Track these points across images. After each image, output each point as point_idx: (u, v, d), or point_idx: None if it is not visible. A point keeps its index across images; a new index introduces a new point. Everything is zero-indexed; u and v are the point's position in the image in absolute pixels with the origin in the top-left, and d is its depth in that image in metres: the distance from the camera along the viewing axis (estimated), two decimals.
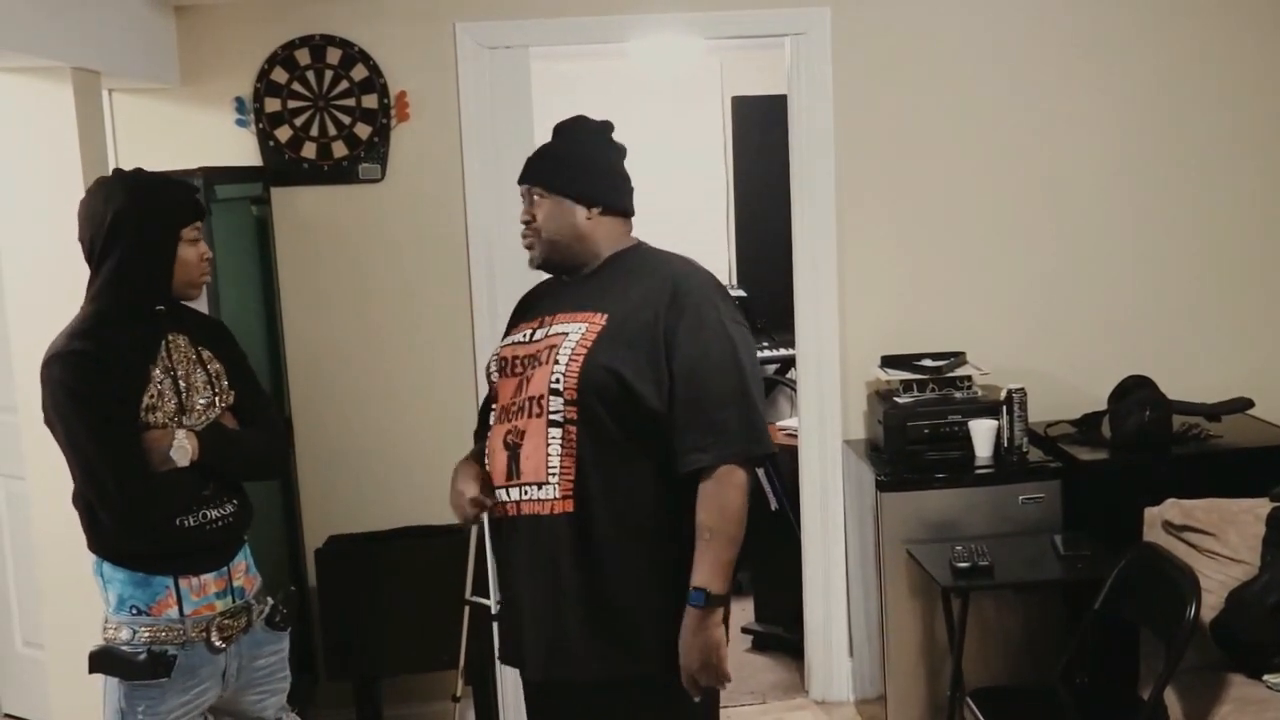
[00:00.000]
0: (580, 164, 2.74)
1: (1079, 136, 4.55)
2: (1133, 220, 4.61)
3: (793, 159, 4.52)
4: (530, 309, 2.80)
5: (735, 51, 6.45)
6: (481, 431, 2.82)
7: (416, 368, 4.48)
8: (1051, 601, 4.05)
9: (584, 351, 2.56)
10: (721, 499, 2.52)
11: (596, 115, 2.85)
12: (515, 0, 4.35)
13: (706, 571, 2.51)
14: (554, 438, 2.56)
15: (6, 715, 4.85)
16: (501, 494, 2.63)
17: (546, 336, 2.64)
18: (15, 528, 4.58)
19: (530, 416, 2.59)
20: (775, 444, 5.09)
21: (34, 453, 3.46)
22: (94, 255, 2.76)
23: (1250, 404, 4.32)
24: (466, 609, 4.02)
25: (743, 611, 5.38)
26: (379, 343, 4.48)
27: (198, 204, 2.86)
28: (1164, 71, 4.55)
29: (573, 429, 2.54)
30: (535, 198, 2.73)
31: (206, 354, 2.88)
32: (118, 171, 2.88)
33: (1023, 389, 4.17)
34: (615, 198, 2.74)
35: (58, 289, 3.18)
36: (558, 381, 2.55)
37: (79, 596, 2.86)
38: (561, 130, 2.82)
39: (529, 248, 2.75)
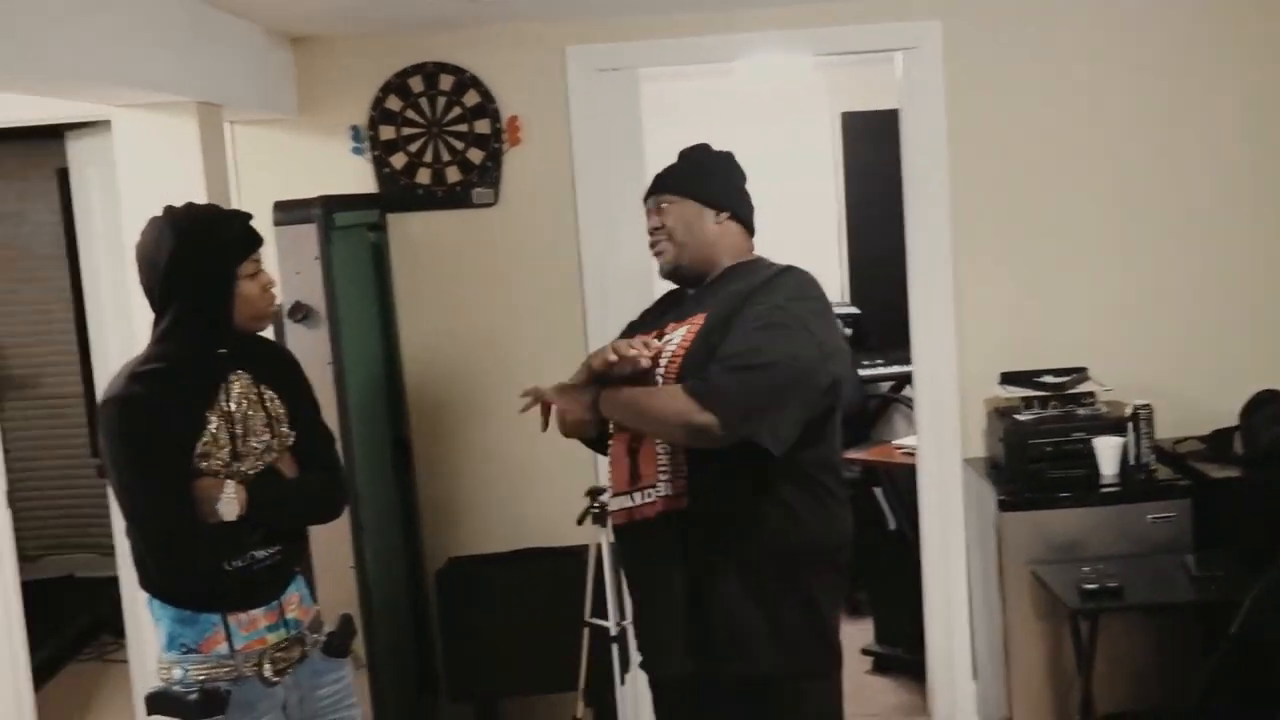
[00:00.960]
0: (710, 174, 2.85)
1: (1202, 145, 4.43)
2: (1261, 229, 4.46)
3: (905, 174, 4.47)
4: (650, 323, 2.87)
5: (844, 67, 6.39)
6: None
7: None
8: (1185, 624, 3.94)
9: (682, 353, 2.62)
10: (665, 397, 2.54)
11: (705, 134, 3.00)
12: (624, 23, 4.37)
13: (611, 392, 2.65)
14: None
15: None
16: (624, 500, 2.69)
17: (661, 344, 2.71)
18: None
19: None
20: (893, 463, 5.05)
21: None
22: (153, 297, 2.72)
23: None
24: (586, 630, 4.02)
25: (862, 633, 5.31)
26: (495, 365, 4.52)
27: (252, 234, 2.78)
28: None
29: None
30: (664, 206, 2.82)
31: (269, 393, 2.81)
32: (168, 210, 2.76)
33: (1149, 405, 4.07)
34: (741, 207, 2.84)
35: None
36: (659, 383, 2.62)
37: None
38: (686, 153, 2.92)
39: (659, 254, 2.83)
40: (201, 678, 2.69)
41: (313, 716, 2.88)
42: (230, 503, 2.66)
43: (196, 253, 2.68)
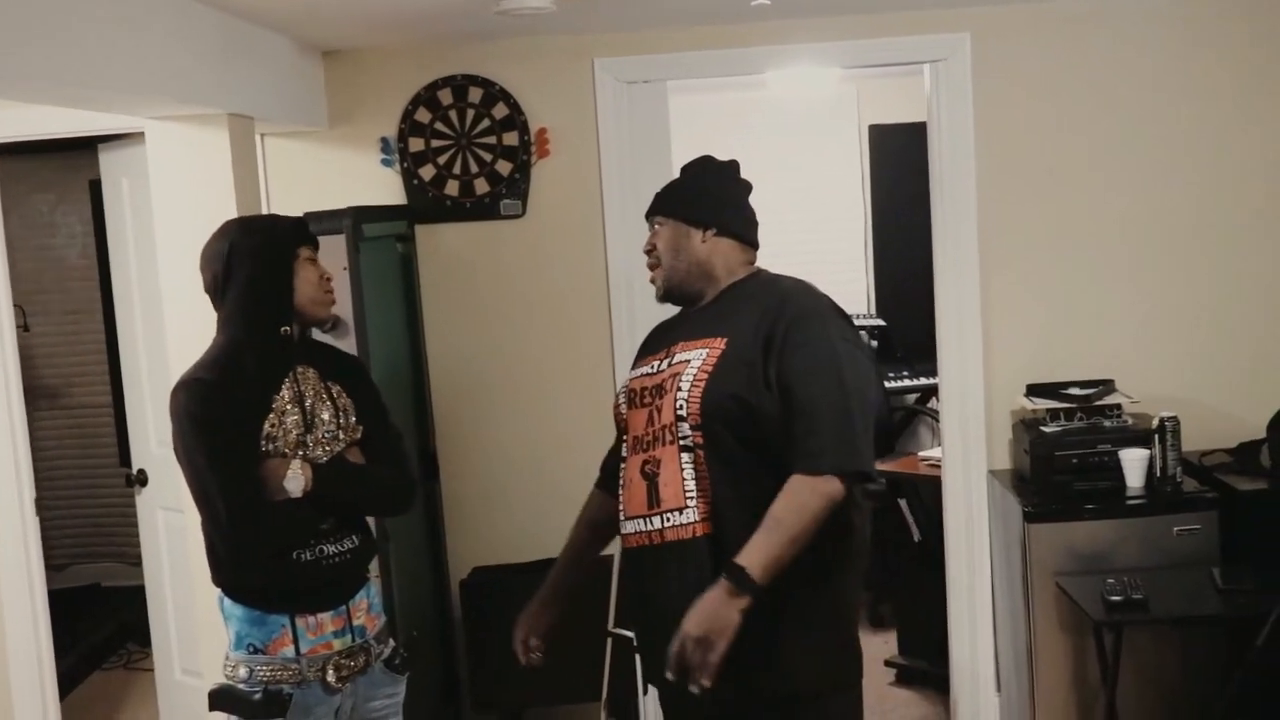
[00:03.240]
0: (698, 192, 2.83)
1: (1231, 159, 4.41)
2: None
3: (933, 186, 4.48)
4: (656, 341, 2.87)
5: (872, 80, 6.41)
6: (610, 463, 2.89)
7: (558, 401, 4.53)
8: (1210, 637, 3.92)
9: (705, 376, 2.60)
10: (802, 498, 2.49)
11: (732, 146, 2.98)
12: (652, 36, 4.39)
13: (755, 555, 2.43)
14: (686, 463, 2.61)
15: None
16: (640, 524, 2.67)
17: (670, 366, 2.70)
18: (174, 559, 4.74)
19: (664, 444, 2.63)
20: (918, 475, 5.04)
21: None
22: (218, 291, 2.83)
23: None
24: (610, 641, 4.02)
25: (886, 644, 5.31)
26: (521, 376, 4.54)
27: (307, 231, 2.93)
28: None
29: (701, 453, 2.60)
30: (656, 227, 2.84)
31: (336, 389, 2.90)
32: (231, 219, 3.00)
33: (1175, 417, 4.05)
34: (733, 222, 2.80)
35: (215, 328, 3.29)
36: (682, 407, 2.60)
37: None
38: (686, 168, 2.93)
39: (652, 280, 2.85)
40: (266, 679, 2.75)
41: None
42: (296, 478, 2.73)
43: (259, 238, 2.83)
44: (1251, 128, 4.41)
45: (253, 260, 2.80)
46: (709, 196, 2.82)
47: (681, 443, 2.61)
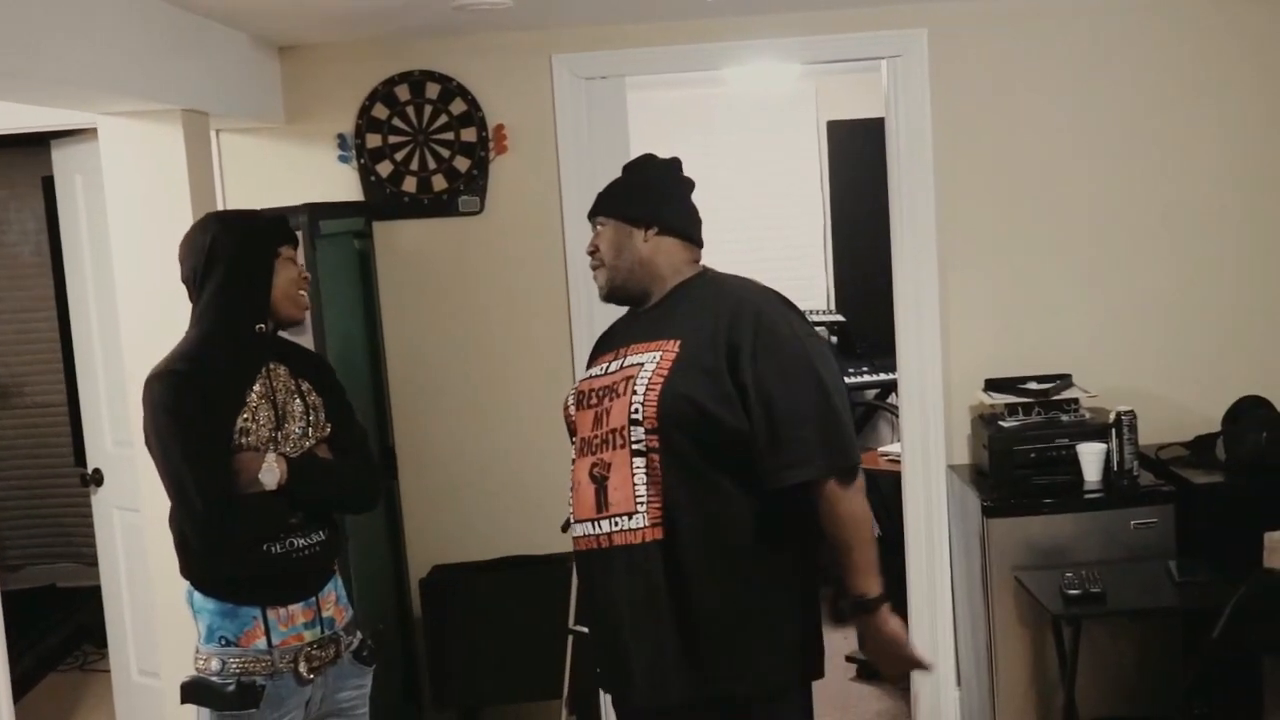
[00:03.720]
0: (639, 191, 2.82)
1: (1187, 153, 4.46)
2: (1245, 237, 4.49)
3: (891, 182, 4.49)
4: (608, 342, 2.86)
5: (831, 76, 6.43)
6: None
7: (517, 398, 4.51)
8: (1167, 630, 3.96)
9: (660, 380, 2.58)
10: (839, 511, 2.55)
11: (692, 143, 2.95)
12: (611, 31, 4.38)
13: (858, 579, 2.56)
14: (638, 467, 2.59)
15: None
16: (589, 527, 2.66)
17: (622, 368, 2.68)
18: (131, 559, 4.69)
19: (614, 448, 2.62)
20: (878, 470, 5.07)
21: (148, 484, 3.53)
22: (196, 283, 2.82)
23: None
24: (570, 638, 4.02)
25: (846, 640, 5.32)
26: (480, 374, 4.52)
27: (289, 230, 2.93)
28: (1275, 90, 4.44)
29: (655, 457, 2.58)
30: (599, 227, 2.82)
31: (306, 386, 2.92)
32: (210, 212, 3.01)
33: (1132, 411, 4.08)
34: (674, 220, 2.78)
35: (172, 324, 3.25)
36: (637, 411, 2.58)
37: (192, 627, 2.91)
38: (628, 167, 2.92)
39: (595, 278, 2.84)
40: (238, 670, 2.76)
41: (328, 715, 2.94)
42: (271, 471, 2.74)
43: (240, 233, 2.83)
44: (1209, 124, 4.45)
45: (233, 255, 2.80)
46: (651, 195, 2.80)
47: (634, 447, 2.58)
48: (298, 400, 2.88)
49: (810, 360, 2.58)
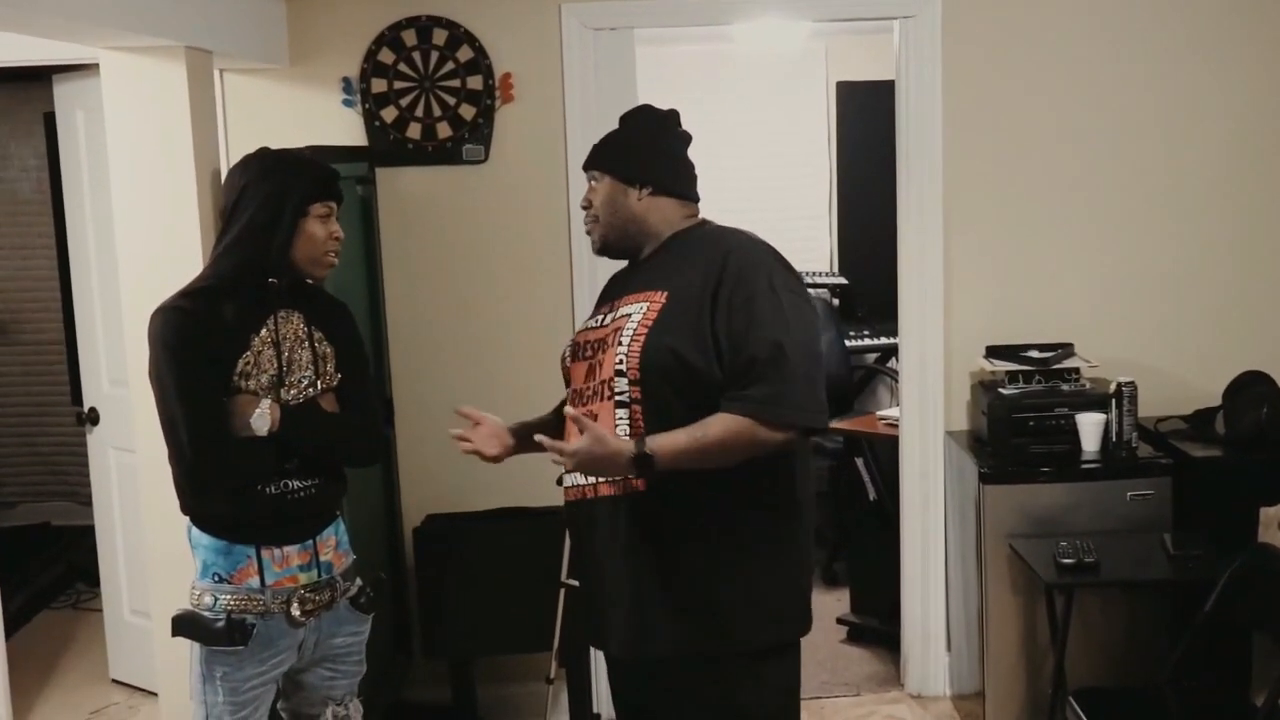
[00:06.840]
0: (634, 147, 2.78)
1: (1195, 124, 4.43)
2: (1250, 210, 4.47)
3: (899, 145, 4.45)
4: (607, 293, 2.84)
5: (841, 36, 6.38)
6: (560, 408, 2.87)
7: (517, 348, 4.49)
8: (1159, 602, 3.96)
9: (644, 331, 2.57)
10: (730, 430, 2.45)
11: (699, 100, 2.91)
12: None
13: (666, 441, 2.44)
14: (621, 418, 2.57)
15: (114, 681, 4.97)
16: (578, 477, 2.66)
17: (614, 320, 2.67)
18: (125, 499, 4.70)
19: (601, 399, 2.61)
20: (875, 433, 5.04)
21: (144, 424, 3.52)
22: (224, 220, 2.83)
23: None
24: (562, 591, 4.02)
25: (839, 602, 5.34)
26: (480, 323, 4.50)
27: (332, 186, 2.89)
28: None
29: (638, 408, 2.56)
30: (592, 183, 2.79)
31: (318, 335, 2.90)
32: (264, 148, 2.94)
33: (1133, 382, 4.07)
34: (669, 180, 2.75)
35: (171, 265, 3.24)
36: (621, 362, 2.57)
37: (184, 567, 2.91)
38: (624, 118, 2.87)
39: (588, 233, 2.82)
40: (230, 607, 2.77)
41: (321, 660, 2.95)
42: (263, 417, 2.74)
43: (273, 182, 2.79)
44: (1216, 95, 4.42)
45: (260, 206, 2.78)
46: (645, 152, 2.76)
47: (618, 398, 2.57)
48: (306, 350, 2.86)
49: (782, 315, 2.52)
